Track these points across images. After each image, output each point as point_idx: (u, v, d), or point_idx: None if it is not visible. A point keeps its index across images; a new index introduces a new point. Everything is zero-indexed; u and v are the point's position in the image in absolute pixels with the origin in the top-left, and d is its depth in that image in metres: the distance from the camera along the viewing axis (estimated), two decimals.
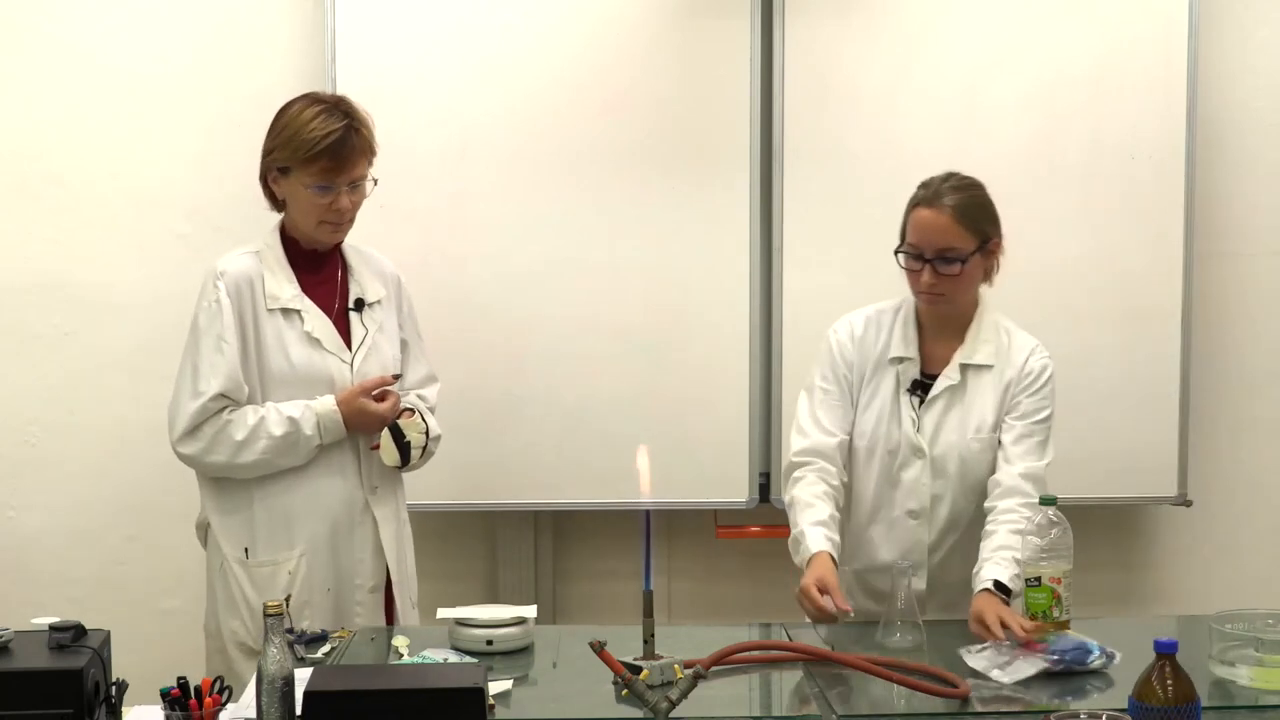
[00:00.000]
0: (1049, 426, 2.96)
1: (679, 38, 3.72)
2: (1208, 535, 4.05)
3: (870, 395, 2.96)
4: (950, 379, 2.92)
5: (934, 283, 2.84)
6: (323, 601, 2.98)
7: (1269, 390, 4.03)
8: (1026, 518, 2.76)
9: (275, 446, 2.91)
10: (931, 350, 2.96)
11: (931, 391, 2.92)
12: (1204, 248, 3.89)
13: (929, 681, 2.39)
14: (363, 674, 2.28)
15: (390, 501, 3.08)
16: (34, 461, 3.85)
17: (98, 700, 2.13)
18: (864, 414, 2.95)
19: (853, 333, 3.00)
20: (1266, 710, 2.33)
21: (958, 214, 2.84)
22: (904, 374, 2.94)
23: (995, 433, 2.92)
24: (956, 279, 2.85)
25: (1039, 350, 2.97)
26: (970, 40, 3.76)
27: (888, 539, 2.95)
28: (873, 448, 2.94)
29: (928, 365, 2.95)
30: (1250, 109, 3.95)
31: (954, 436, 2.91)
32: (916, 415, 2.92)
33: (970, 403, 2.92)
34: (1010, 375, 2.93)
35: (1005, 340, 2.96)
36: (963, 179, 2.91)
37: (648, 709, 2.20)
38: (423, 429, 3.05)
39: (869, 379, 2.96)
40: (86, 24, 3.77)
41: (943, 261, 2.84)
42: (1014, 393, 2.93)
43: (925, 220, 2.85)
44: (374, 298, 3.07)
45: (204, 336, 2.91)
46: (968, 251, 2.84)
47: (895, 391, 2.94)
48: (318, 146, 2.90)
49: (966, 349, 2.93)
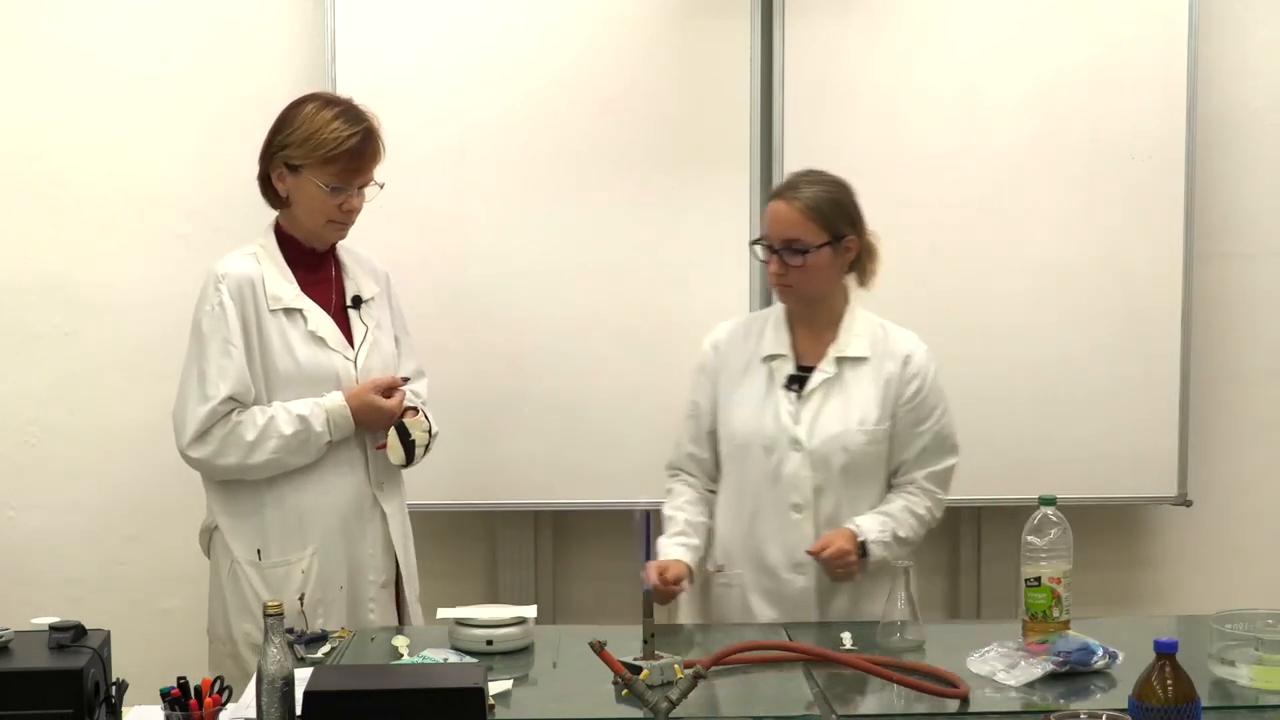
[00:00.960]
0: (949, 422, 3.01)
1: (679, 38, 3.72)
2: (1208, 535, 4.05)
3: (742, 395, 2.98)
4: (826, 371, 2.95)
5: (781, 273, 2.91)
6: (337, 599, 2.99)
7: (1269, 390, 4.03)
8: (928, 507, 2.95)
9: (286, 445, 2.91)
10: (805, 347, 2.99)
11: (808, 385, 2.95)
12: (1204, 248, 3.89)
13: (929, 681, 2.39)
14: (363, 674, 2.28)
15: (396, 496, 3.11)
16: (34, 461, 3.85)
17: (98, 700, 2.13)
18: (737, 412, 2.98)
19: (716, 342, 3.07)
20: (1266, 710, 2.33)
21: (807, 207, 2.90)
22: (778, 370, 2.97)
23: (880, 426, 2.94)
24: (802, 270, 2.90)
25: (920, 346, 3.01)
26: (970, 40, 3.76)
27: (775, 536, 2.94)
28: (749, 445, 2.95)
29: (804, 361, 2.99)
30: (1250, 109, 3.95)
31: (836, 428, 2.93)
32: (794, 408, 2.93)
33: (850, 395, 2.95)
34: (891, 369, 2.97)
35: (880, 334, 3.01)
36: (825, 176, 2.97)
37: (648, 709, 2.21)
38: (426, 427, 3.07)
39: (738, 381, 2.99)
40: (86, 24, 3.77)
41: (790, 252, 2.89)
42: (904, 394, 2.95)
43: (775, 212, 2.93)
44: (370, 295, 3.09)
45: (210, 340, 2.91)
46: (813, 244, 2.89)
47: (769, 388, 2.96)
48: (340, 148, 2.92)
49: (840, 342, 2.97)
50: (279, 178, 2.98)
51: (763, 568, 2.95)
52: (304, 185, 2.96)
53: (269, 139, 2.99)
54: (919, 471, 2.97)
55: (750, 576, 2.97)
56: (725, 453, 3.01)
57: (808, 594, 2.93)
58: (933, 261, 3.77)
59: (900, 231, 3.74)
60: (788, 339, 2.99)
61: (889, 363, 2.97)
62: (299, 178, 2.96)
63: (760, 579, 2.96)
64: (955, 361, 3.76)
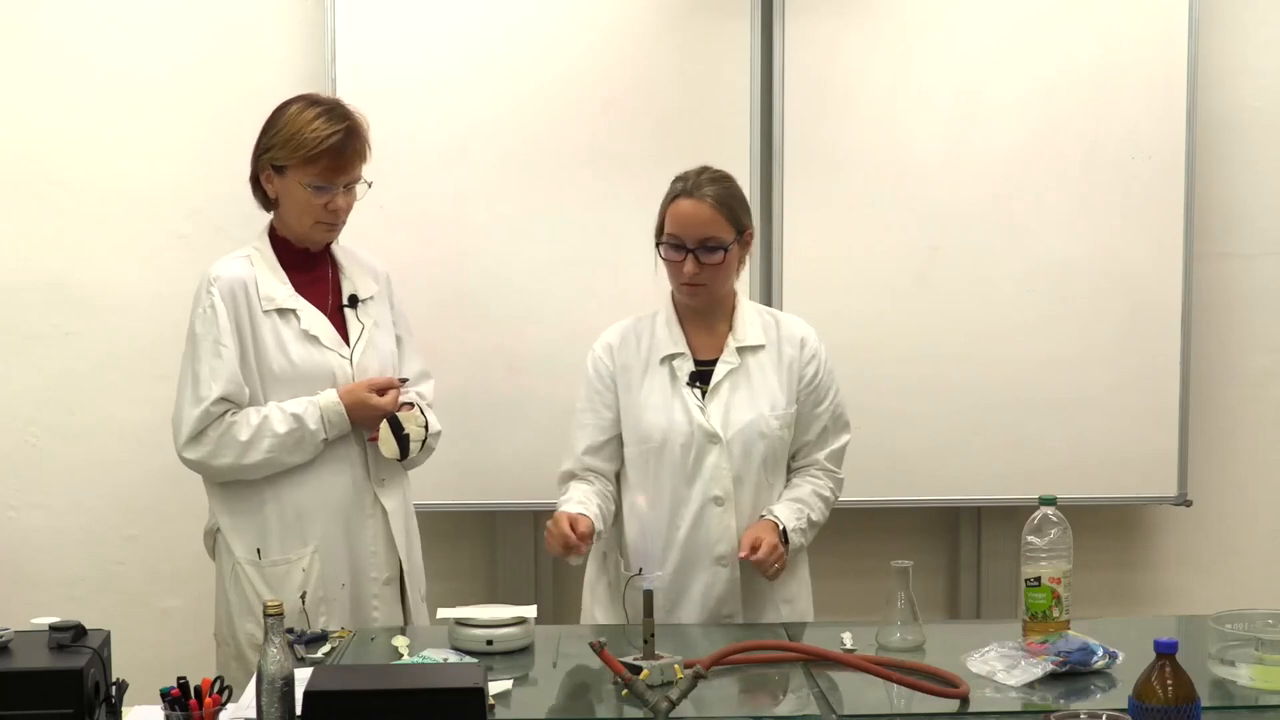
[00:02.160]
0: (841, 401, 3.05)
1: (679, 38, 3.72)
2: (1208, 535, 4.05)
3: (645, 398, 2.96)
4: (730, 362, 2.96)
5: (696, 272, 2.89)
6: (339, 597, 3.00)
7: (1269, 390, 4.03)
8: (831, 489, 3.01)
9: (281, 443, 2.92)
10: (701, 343, 2.99)
11: (713, 378, 2.95)
12: (1204, 248, 3.89)
13: (929, 681, 2.39)
14: (363, 674, 2.27)
15: (398, 493, 3.10)
16: (34, 461, 3.85)
17: (98, 700, 2.13)
18: (643, 416, 2.95)
19: (609, 345, 3.03)
20: (1266, 710, 2.33)
21: (718, 204, 2.89)
22: (679, 369, 2.96)
23: (790, 410, 2.97)
24: (718, 268, 2.90)
25: (810, 328, 3.05)
26: (970, 40, 3.76)
27: (697, 532, 2.93)
28: (664, 444, 2.93)
29: (700, 356, 2.98)
30: (1250, 109, 3.95)
31: (748, 416, 2.93)
32: (702, 403, 2.93)
33: (755, 383, 2.96)
34: (790, 353, 2.99)
35: (770, 320, 3.04)
36: (718, 172, 2.97)
37: (648, 709, 2.21)
38: (422, 422, 3.06)
39: (638, 384, 2.97)
40: (87, 24, 3.77)
41: (705, 251, 2.88)
42: (805, 376, 2.99)
43: (687, 211, 2.89)
44: (367, 294, 3.09)
45: (202, 342, 2.92)
46: (728, 241, 2.90)
47: (673, 386, 2.95)
48: (320, 147, 2.92)
49: (738, 333, 2.98)
50: (267, 179, 2.99)
51: (685, 566, 2.94)
52: (289, 186, 2.96)
53: (257, 141, 3.00)
54: (820, 452, 3.02)
55: (673, 576, 2.94)
56: (634, 456, 2.97)
57: (733, 585, 2.93)
58: (933, 261, 3.77)
59: (900, 231, 3.77)
60: (682, 336, 2.98)
61: (787, 347, 3.00)
62: (284, 179, 2.96)
63: (682, 578, 2.94)
64: (955, 361, 3.78)
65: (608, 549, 3.04)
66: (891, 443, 3.77)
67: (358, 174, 3.00)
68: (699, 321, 3.00)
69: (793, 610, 3.02)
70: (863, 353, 3.74)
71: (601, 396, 3.00)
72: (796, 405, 2.98)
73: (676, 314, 3.00)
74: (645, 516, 2.95)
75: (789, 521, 2.90)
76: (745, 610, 2.96)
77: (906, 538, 3.96)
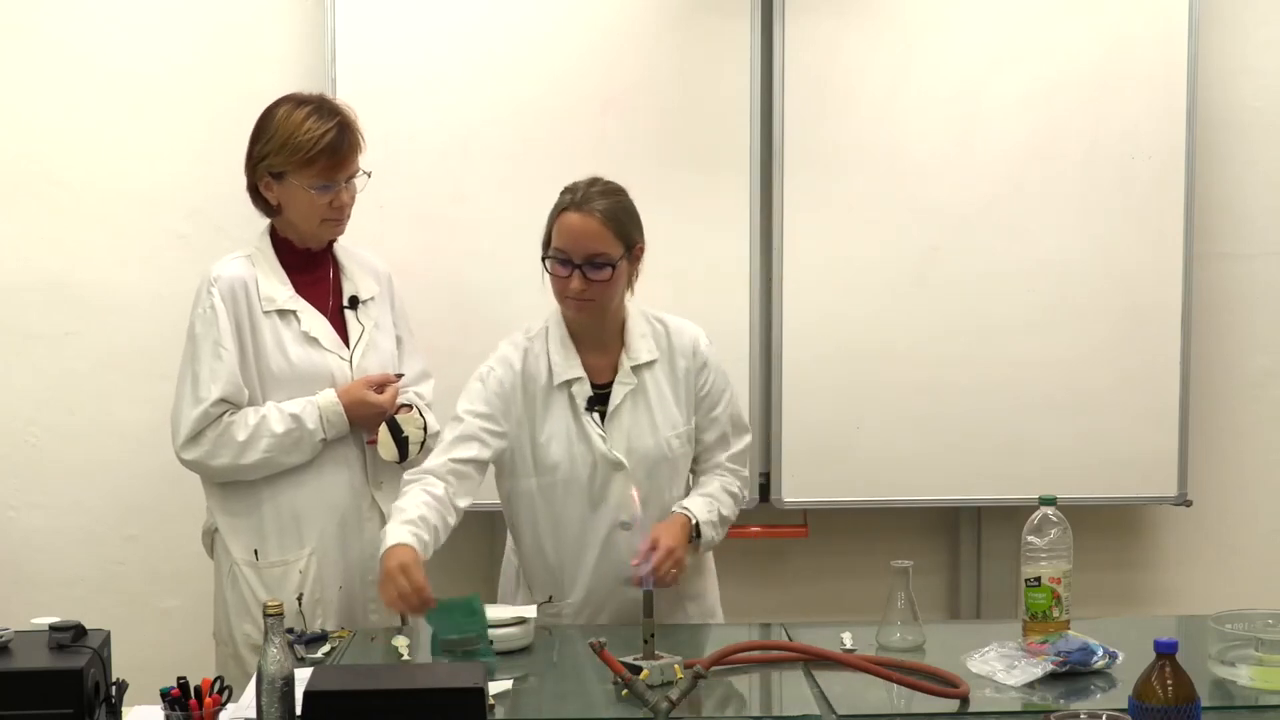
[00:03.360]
0: (736, 402, 3.05)
1: (679, 38, 3.72)
2: (1208, 535, 4.05)
3: (551, 427, 2.89)
4: (626, 384, 2.91)
5: (583, 289, 2.81)
6: (335, 599, 3.00)
7: (1269, 390, 4.03)
8: (739, 486, 3.00)
9: (279, 444, 2.92)
10: (595, 363, 2.92)
11: (611, 402, 2.90)
12: (1204, 248, 3.89)
13: (929, 681, 2.39)
14: (363, 674, 2.27)
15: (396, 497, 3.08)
16: (34, 461, 3.84)
17: (98, 700, 2.13)
18: (548, 447, 2.88)
19: (513, 366, 2.90)
20: (1266, 710, 2.33)
21: (607, 219, 2.81)
22: (578, 394, 2.89)
23: (689, 425, 2.95)
24: (606, 285, 2.82)
25: (699, 330, 3.01)
26: (970, 40, 3.76)
27: (606, 558, 2.90)
28: (571, 477, 2.88)
29: (596, 378, 2.92)
30: (1250, 109, 3.95)
31: (649, 441, 2.90)
32: (603, 431, 2.89)
33: (654, 402, 2.93)
34: (683, 364, 2.96)
35: (661, 329, 2.98)
36: (609, 185, 2.89)
37: (648, 709, 2.21)
38: (421, 424, 3.07)
39: (542, 413, 2.89)
40: (87, 24, 3.77)
41: (592, 267, 2.81)
42: (698, 383, 2.96)
43: (574, 225, 2.81)
44: (368, 294, 3.09)
45: (201, 343, 2.92)
46: (616, 257, 2.83)
47: (572, 414, 2.89)
48: (316, 147, 2.92)
49: (631, 351, 2.93)
50: (266, 187, 2.99)
51: (596, 591, 2.91)
52: (291, 190, 2.96)
53: (249, 150, 3.00)
54: (721, 454, 3.00)
55: (583, 603, 2.92)
56: (536, 487, 2.90)
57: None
58: (933, 261, 3.77)
59: (900, 231, 3.77)
60: (578, 359, 2.91)
61: (679, 359, 2.96)
62: (285, 184, 2.96)
63: (592, 602, 2.92)
64: (955, 361, 3.78)
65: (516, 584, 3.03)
66: (891, 443, 3.77)
67: (356, 166, 3.01)
68: (591, 340, 2.93)
69: (700, 608, 3.01)
70: (862, 353, 3.75)
71: (495, 421, 2.87)
72: (696, 415, 2.97)
73: (569, 333, 2.93)
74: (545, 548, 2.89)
75: (701, 514, 2.88)
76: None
77: (906, 538, 3.96)
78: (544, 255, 2.88)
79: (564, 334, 2.93)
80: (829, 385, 3.72)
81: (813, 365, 3.74)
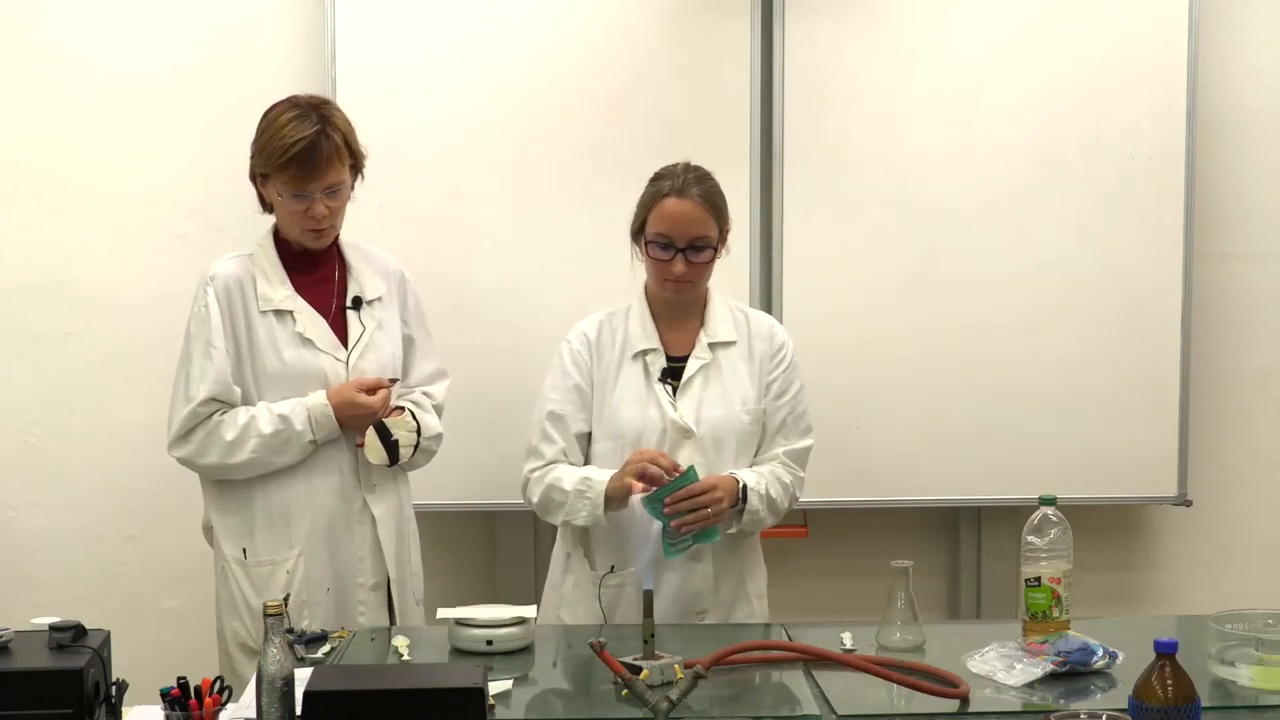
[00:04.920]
0: (804, 401, 3.05)
1: (679, 38, 3.72)
2: (1208, 535, 4.05)
3: (619, 393, 2.96)
4: (702, 358, 2.97)
5: (686, 271, 2.89)
6: (323, 601, 2.99)
7: (1269, 391, 4.03)
8: (792, 481, 2.99)
9: (267, 444, 2.91)
10: (672, 339, 3.00)
11: (685, 374, 2.96)
12: (1204, 248, 3.89)
13: (929, 681, 2.39)
14: (363, 674, 2.28)
15: (390, 499, 3.08)
16: (34, 461, 3.85)
17: (98, 700, 2.13)
18: (618, 411, 2.96)
19: (587, 339, 3.01)
20: (1266, 710, 2.33)
21: (707, 203, 2.91)
22: (651, 364, 2.97)
23: (760, 405, 2.99)
24: (705, 267, 2.92)
25: (779, 324, 3.09)
26: (971, 40, 3.76)
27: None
28: (640, 440, 2.93)
29: (672, 352, 2.99)
30: (1250, 109, 3.95)
31: (720, 412, 2.95)
32: (674, 399, 2.94)
33: (727, 378, 2.98)
34: (761, 350, 3.01)
35: (741, 316, 3.05)
36: (700, 169, 2.98)
37: (648, 709, 2.20)
38: (412, 427, 3.05)
39: (612, 379, 2.98)
40: (87, 24, 3.77)
41: (694, 250, 2.89)
42: (768, 370, 3.00)
43: (676, 210, 2.89)
44: (373, 295, 3.07)
45: (194, 343, 2.94)
46: (716, 239, 2.91)
47: (646, 382, 2.96)
48: (287, 154, 2.87)
49: (710, 329, 3.00)
50: (261, 185, 2.99)
51: (660, 562, 2.91)
52: (271, 193, 2.97)
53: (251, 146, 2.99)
54: (779, 447, 3.01)
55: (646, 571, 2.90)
56: (606, 451, 2.96)
57: (707, 581, 2.95)
58: (933, 261, 3.77)
59: (900, 230, 3.77)
60: (655, 332, 2.99)
61: (758, 342, 3.02)
62: (268, 187, 2.96)
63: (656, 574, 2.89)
64: (955, 361, 3.78)
65: (571, 549, 3.03)
66: (891, 443, 3.77)
67: (336, 178, 2.92)
68: (672, 317, 3.00)
69: (762, 607, 3.05)
70: (862, 352, 3.75)
71: (575, 388, 2.99)
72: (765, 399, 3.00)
73: (650, 309, 3.01)
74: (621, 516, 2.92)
75: (751, 480, 2.90)
76: (718, 607, 2.96)
77: (906, 538, 3.96)
78: (641, 240, 2.95)
79: (644, 309, 3.01)
80: (829, 385, 3.72)
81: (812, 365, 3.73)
